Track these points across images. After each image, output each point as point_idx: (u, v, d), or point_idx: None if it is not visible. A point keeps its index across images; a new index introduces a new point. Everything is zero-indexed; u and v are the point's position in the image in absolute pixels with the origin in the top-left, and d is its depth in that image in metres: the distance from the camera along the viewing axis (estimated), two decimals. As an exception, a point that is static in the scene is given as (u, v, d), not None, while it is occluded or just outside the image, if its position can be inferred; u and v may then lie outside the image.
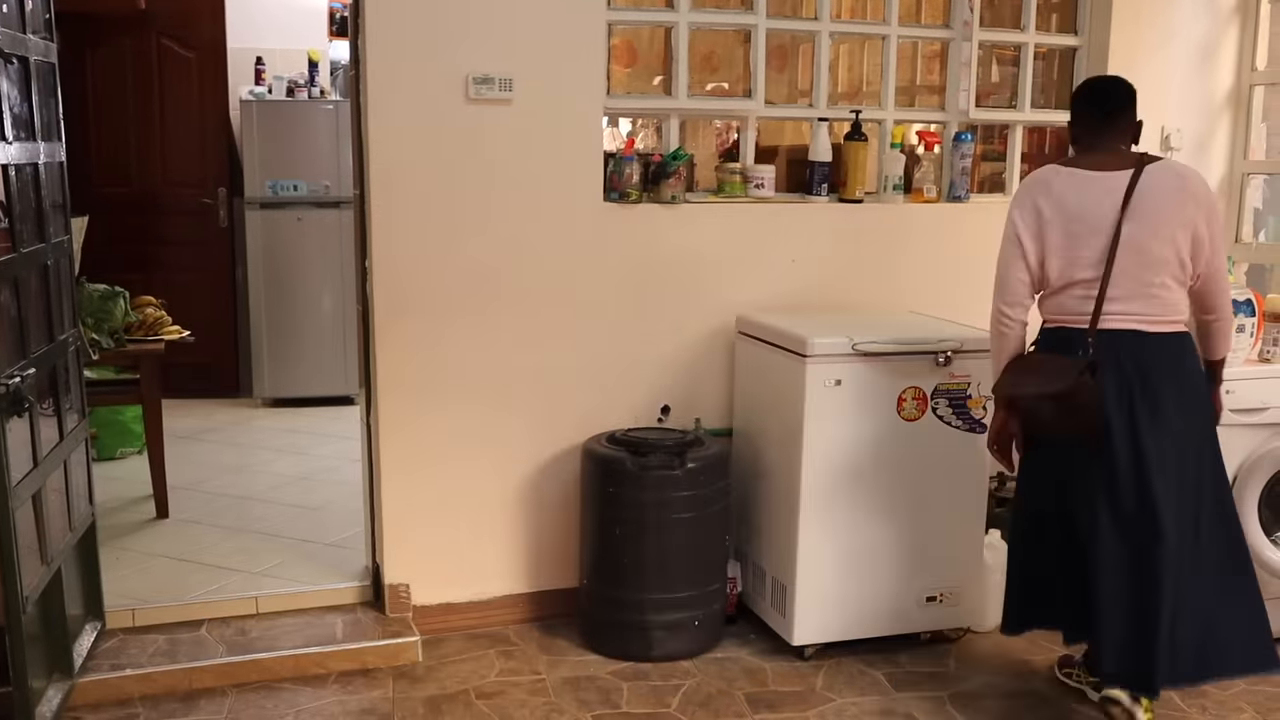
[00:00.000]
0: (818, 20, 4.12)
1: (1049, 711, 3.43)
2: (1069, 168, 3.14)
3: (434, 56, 3.58)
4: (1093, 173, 3.09)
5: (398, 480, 3.77)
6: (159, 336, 4.67)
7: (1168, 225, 3.01)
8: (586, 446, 3.77)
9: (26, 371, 2.93)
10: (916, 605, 3.75)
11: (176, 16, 6.50)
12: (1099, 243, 3.04)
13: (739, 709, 3.41)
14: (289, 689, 3.47)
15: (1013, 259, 3.15)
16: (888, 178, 4.20)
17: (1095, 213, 3.05)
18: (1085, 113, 3.22)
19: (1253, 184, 4.73)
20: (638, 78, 4.22)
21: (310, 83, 6.53)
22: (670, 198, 3.90)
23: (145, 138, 6.62)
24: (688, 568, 3.67)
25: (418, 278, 3.67)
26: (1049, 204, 3.10)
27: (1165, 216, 3.02)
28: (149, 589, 3.89)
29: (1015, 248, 3.15)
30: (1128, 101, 3.19)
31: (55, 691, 3.20)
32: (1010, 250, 3.16)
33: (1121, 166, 3.07)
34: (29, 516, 2.96)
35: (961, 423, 3.67)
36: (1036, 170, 3.23)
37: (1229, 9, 4.56)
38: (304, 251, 6.51)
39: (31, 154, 3.10)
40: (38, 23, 3.23)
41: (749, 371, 3.92)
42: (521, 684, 3.54)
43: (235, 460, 5.53)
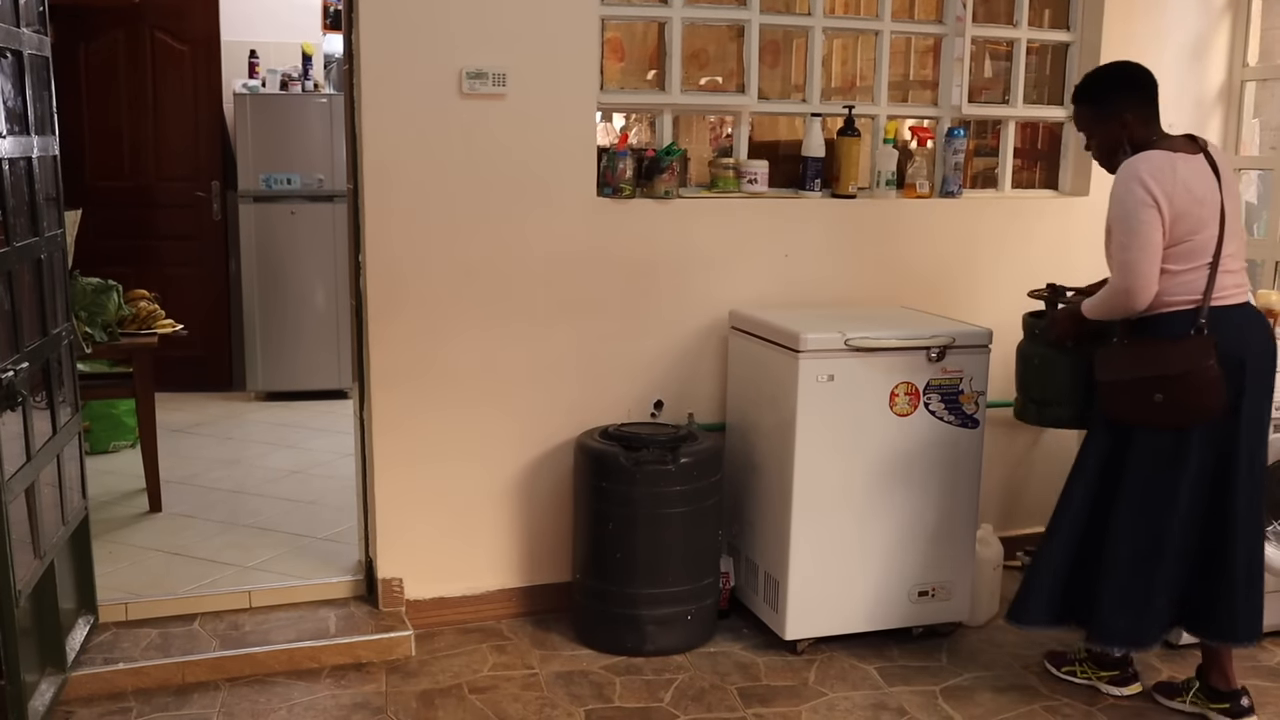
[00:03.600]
0: (811, 15, 4.12)
1: (1040, 705, 3.45)
2: (1176, 152, 3.11)
3: (428, 50, 3.57)
4: (1191, 156, 3.12)
5: (391, 475, 3.77)
6: (152, 330, 4.66)
7: (1238, 199, 3.19)
8: (579, 441, 3.77)
9: (20, 365, 2.92)
10: (908, 600, 3.76)
11: (170, 9, 6.49)
12: (1215, 222, 3.10)
13: (731, 703, 3.42)
14: (282, 683, 3.47)
15: (1152, 245, 3.05)
16: (880, 173, 4.21)
17: (1211, 197, 3.10)
18: (1137, 101, 3.20)
19: (1245, 179, 4.74)
20: (630, 73, 4.21)
21: (304, 76, 6.53)
22: (664, 193, 3.90)
23: (139, 131, 6.62)
24: (680, 562, 3.68)
25: (411, 272, 3.67)
26: (1178, 189, 3.06)
27: (1235, 190, 3.21)
28: (142, 583, 3.90)
29: (1155, 233, 3.04)
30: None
31: (48, 685, 3.20)
32: (1151, 236, 3.04)
33: (1190, 149, 3.14)
34: (22, 510, 2.96)
35: (954, 418, 3.68)
36: (1147, 157, 3.09)
37: (1221, 5, 4.56)
38: (297, 245, 6.51)
39: (25, 147, 3.10)
40: (31, 15, 3.22)
41: (742, 366, 3.93)
42: (514, 678, 3.55)
43: (228, 454, 5.53)
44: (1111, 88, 3.24)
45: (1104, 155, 3.29)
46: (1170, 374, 3.06)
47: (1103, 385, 3.24)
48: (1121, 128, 3.19)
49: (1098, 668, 3.52)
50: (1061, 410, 3.55)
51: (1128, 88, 3.22)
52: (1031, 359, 3.58)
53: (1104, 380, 3.22)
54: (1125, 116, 3.18)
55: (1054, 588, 3.40)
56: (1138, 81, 3.22)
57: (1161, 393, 3.08)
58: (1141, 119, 3.19)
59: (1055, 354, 3.48)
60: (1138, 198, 3.05)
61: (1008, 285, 4.31)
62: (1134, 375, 3.13)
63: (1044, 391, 3.56)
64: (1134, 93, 3.21)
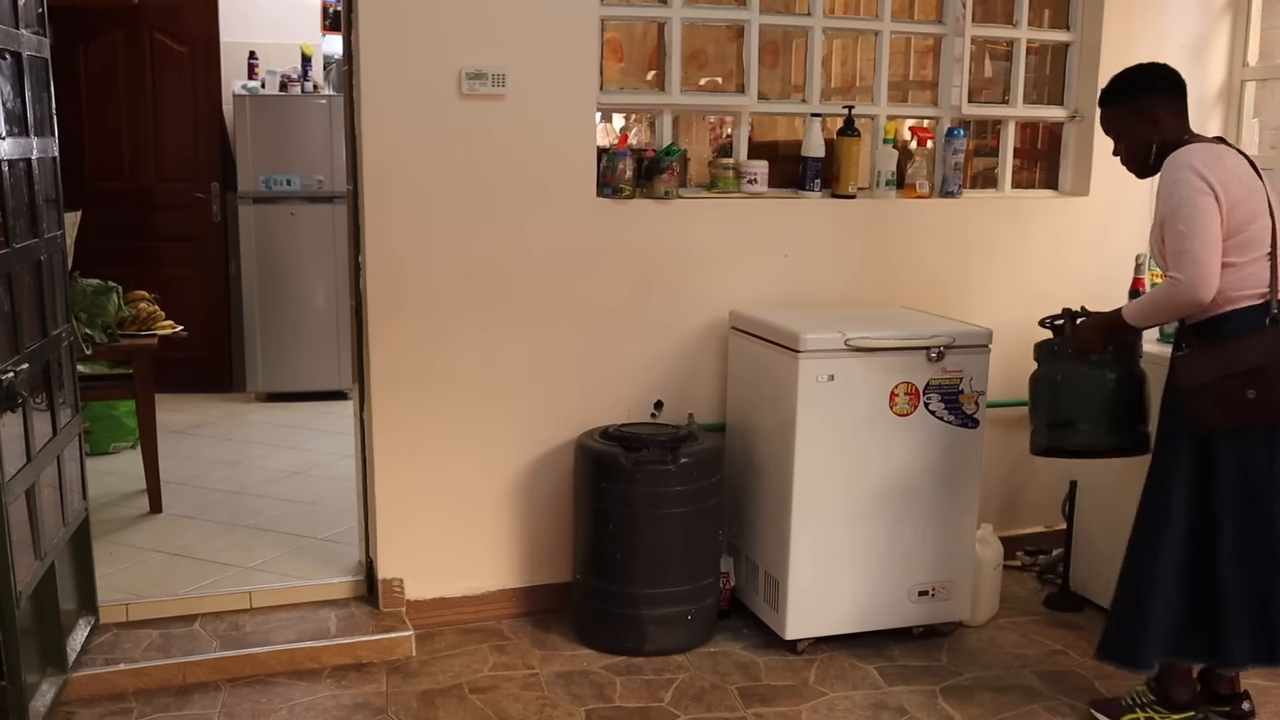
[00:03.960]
0: (810, 16, 4.12)
1: (1041, 705, 3.45)
2: (1221, 146, 3.06)
3: (427, 51, 3.58)
4: (1231, 149, 3.08)
5: (391, 475, 3.77)
6: (152, 331, 4.66)
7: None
8: (580, 441, 3.77)
9: (20, 366, 2.92)
10: (909, 599, 3.76)
11: (169, 11, 6.49)
12: (1266, 213, 3.02)
13: (732, 703, 3.42)
14: (282, 683, 3.47)
15: (1212, 233, 2.93)
16: (880, 173, 4.21)
17: (1259, 188, 3.04)
18: (1169, 98, 3.12)
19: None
20: (630, 73, 4.21)
21: (303, 77, 6.53)
22: (663, 193, 3.90)
23: (138, 132, 6.62)
24: (681, 562, 3.68)
25: (411, 272, 3.68)
26: (1229, 178, 2.97)
27: (1275, 187, 3.12)
28: (142, 584, 3.90)
29: (1214, 220, 2.92)
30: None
31: (49, 686, 3.20)
32: (1210, 223, 2.92)
33: (1226, 145, 3.11)
34: (22, 511, 2.96)
35: (954, 418, 3.68)
36: (1193, 149, 3.02)
37: (1221, 4, 4.56)
38: (297, 246, 6.51)
39: (24, 149, 3.10)
40: (30, 17, 3.22)
41: (742, 366, 3.93)
42: (515, 678, 3.55)
43: (229, 455, 5.53)
44: (1143, 85, 3.15)
45: (1135, 157, 3.17)
46: (1262, 366, 2.92)
47: (1187, 392, 3.03)
48: (1154, 124, 3.09)
49: (1167, 710, 3.25)
50: (1091, 430, 3.32)
51: (1160, 85, 3.14)
52: (1053, 377, 3.36)
53: (1190, 385, 3.02)
54: (1157, 112, 3.09)
55: (1172, 624, 3.14)
56: (1169, 79, 3.15)
57: (1255, 388, 2.92)
58: (1173, 114, 3.10)
59: (1082, 368, 3.29)
60: (1193, 185, 2.93)
61: (1007, 285, 4.33)
62: (1223, 374, 2.95)
63: (1069, 411, 3.33)
64: (1166, 90, 3.13)
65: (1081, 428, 3.34)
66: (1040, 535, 4.52)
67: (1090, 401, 3.31)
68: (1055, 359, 3.37)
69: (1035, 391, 3.44)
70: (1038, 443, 3.46)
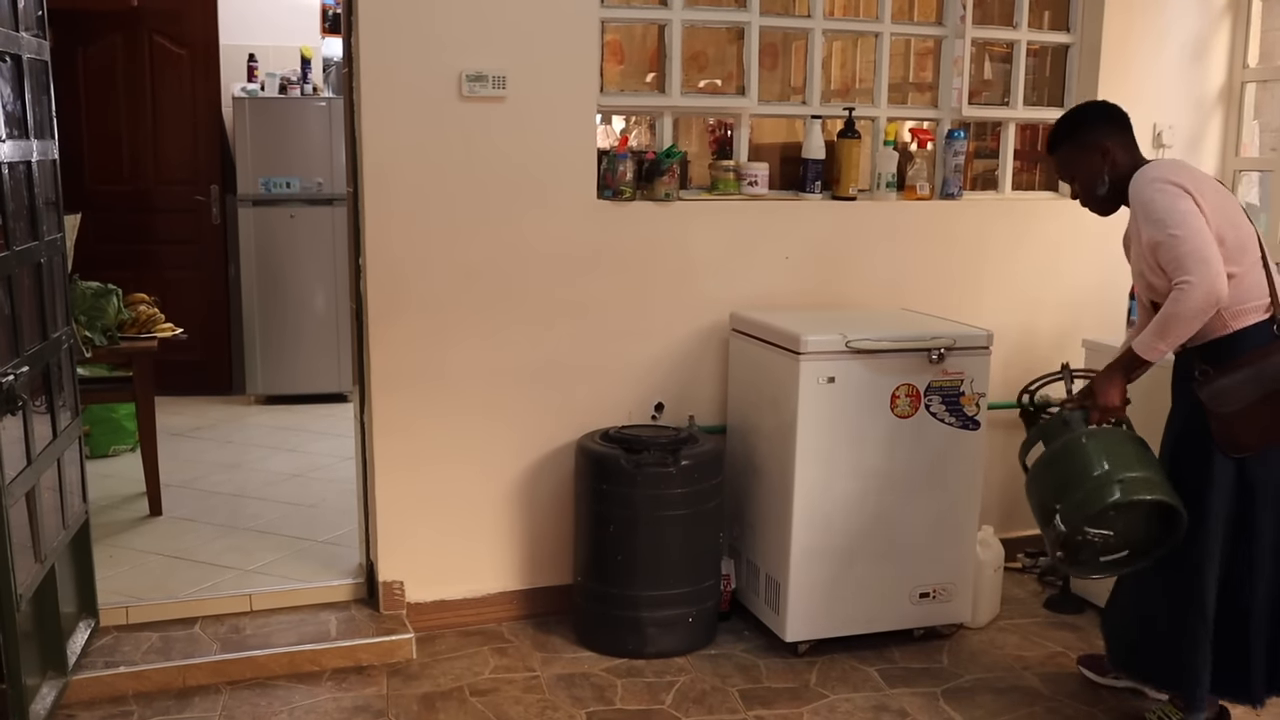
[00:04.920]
0: (810, 17, 4.12)
1: (1042, 707, 3.44)
2: (1182, 160, 3.11)
3: (427, 53, 3.57)
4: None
5: (392, 477, 3.77)
6: (152, 334, 4.65)
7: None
8: (580, 444, 3.77)
9: (20, 369, 2.92)
10: (909, 601, 3.76)
11: (169, 13, 6.50)
12: (1244, 219, 3.01)
13: (733, 705, 3.42)
14: (283, 686, 3.47)
15: (1205, 231, 2.88)
16: (881, 175, 4.21)
17: (1229, 195, 3.05)
18: (1115, 129, 3.13)
19: (1245, 181, 4.74)
20: (630, 75, 4.21)
21: (303, 80, 6.53)
22: (664, 195, 3.90)
23: (138, 135, 6.62)
24: (682, 565, 3.68)
25: (411, 275, 3.67)
26: (1200, 182, 2.97)
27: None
28: (143, 586, 3.89)
29: (1200, 219, 2.88)
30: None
31: (49, 689, 3.20)
32: (1198, 223, 2.88)
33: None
34: (22, 514, 2.96)
35: (955, 419, 3.67)
36: (1156, 164, 3.05)
37: (1221, 6, 4.57)
38: (297, 249, 6.51)
39: (24, 151, 3.10)
40: (30, 20, 3.22)
41: (742, 368, 3.93)
42: (516, 681, 3.54)
43: (229, 458, 5.52)
44: (1085, 121, 3.18)
45: (1090, 192, 3.17)
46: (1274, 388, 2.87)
47: (1224, 420, 2.94)
48: (1103, 156, 3.10)
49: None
50: (1153, 478, 2.99)
51: (1104, 118, 3.16)
52: (1078, 439, 3.04)
53: (1227, 412, 2.93)
54: (1106, 144, 3.10)
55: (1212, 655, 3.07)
56: (1112, 112, 3.17)
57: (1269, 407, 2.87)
58: (1121, 145, 3.11)
59: (1108, 430, 3.06)
60: (1169, 193, 2.92)
61: (1008, 287, 4.33)
62: (1260, 393, 2.89)
63: (1118, 466, 2.98)
64: (1110, 123, 3.15)
65: (1139, 476, 2.99)
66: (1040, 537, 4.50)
67: (1131, 451, 3.05)
68: (1066, 429, 3.10)
69: (1060, 469, 3.07)
70: (1058, 545, 3.08)
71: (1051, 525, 3.04)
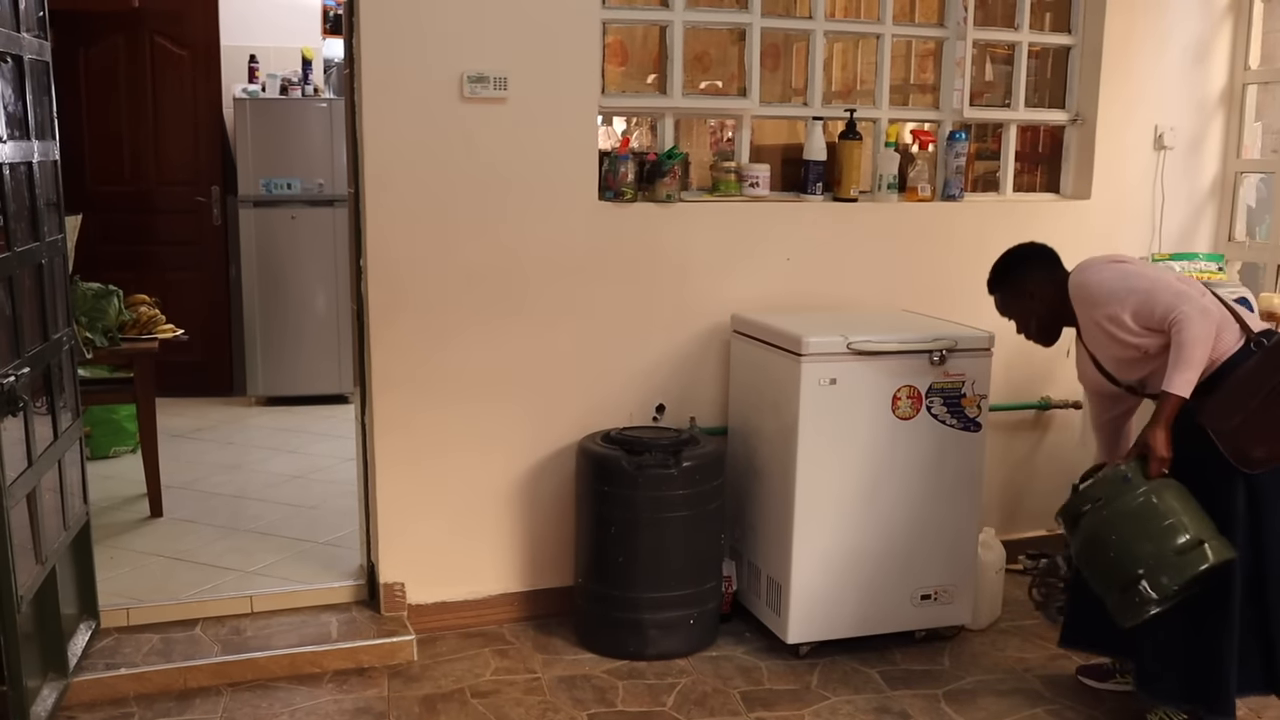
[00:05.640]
0: (812, 19, 4.12)
1: (1044, 709, 3.44)
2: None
3: (429, 55, 3.57)
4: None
5: (392, 479, 3.77)
6: (153, 335, 4.65)
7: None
8: (582, 445, 3.77)
9: (21, 370, 2.92)
10: (911, 603, 3.76)
11: (170, 14, 6.49)
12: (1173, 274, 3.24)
13: (734, 707, 3.41)
14: (284, 688, 3.46)
15: (1165, 276, 3.10)
16: (882, 176, 4.21)
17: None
18: (1043, 269, 3.32)
19: (1246, 182, 4.74)
20: (632, 76, 4.21)
21: (304, 81, 6.52)
22: (665, 196, 3.90)
23: (139, 136, 6.62)
24: (683, 566, 3.68)
25: (412, 276, 3.67)
26: (1130, 258, 3.26)
27: None
28: (143, 588, 3.89)
29: (1152, 269, 3.17)
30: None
31: (50, 691, 3.19)
32: (1154, 271, 3.16)
33: None
34: (23, 515, 2.96)
35: (956, 421, 3.67)
36: (1081, 265, 3.24)
37: (1222, 8, 4.56)
38: (298, 250, 6.51)
39: (25, 152, 3.10)
40: (31, 21, 3.22)
41: (744, 370, 3.93)
42: (517, 683, 3.54)
43: (229, 459, 5.52)
44: (1010, 267, 3.37)
45: (1028, 329, 3.38)
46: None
47: (1231, 435, 2.95)
48: (1030, 298, 3.31)
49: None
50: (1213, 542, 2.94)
51: (1027, 260, 3.35)
52: (1149, 496, 2.97)
53: (1232, 426, 2.95)
54: (1030, 288, 3.30)
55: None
56: (1036, 253, 3.36)
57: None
58: (1047, 282, 3.28)
59: (1172, 485, 2.99)
60: (1110, 269, 3.16)
61: (1009, 288, 4.31)
62: (1257, 397, 2.92)
63: (1194, 532, 2.93)
64: (1035, 262, 3.34)
65: (1217, 538, 2.95)
66: (1042, 539, 4.51)
67: (1197, 506, 2.99)
68: (1132, 487, 3.00)
69: (1136, 531, 2.97)
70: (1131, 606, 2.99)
71: (1135, 590, 2.94)
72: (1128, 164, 4.50)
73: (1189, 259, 4.33)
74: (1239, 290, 3.95)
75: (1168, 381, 2.98)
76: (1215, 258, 4.41)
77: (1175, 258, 4.32)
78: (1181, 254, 4.39)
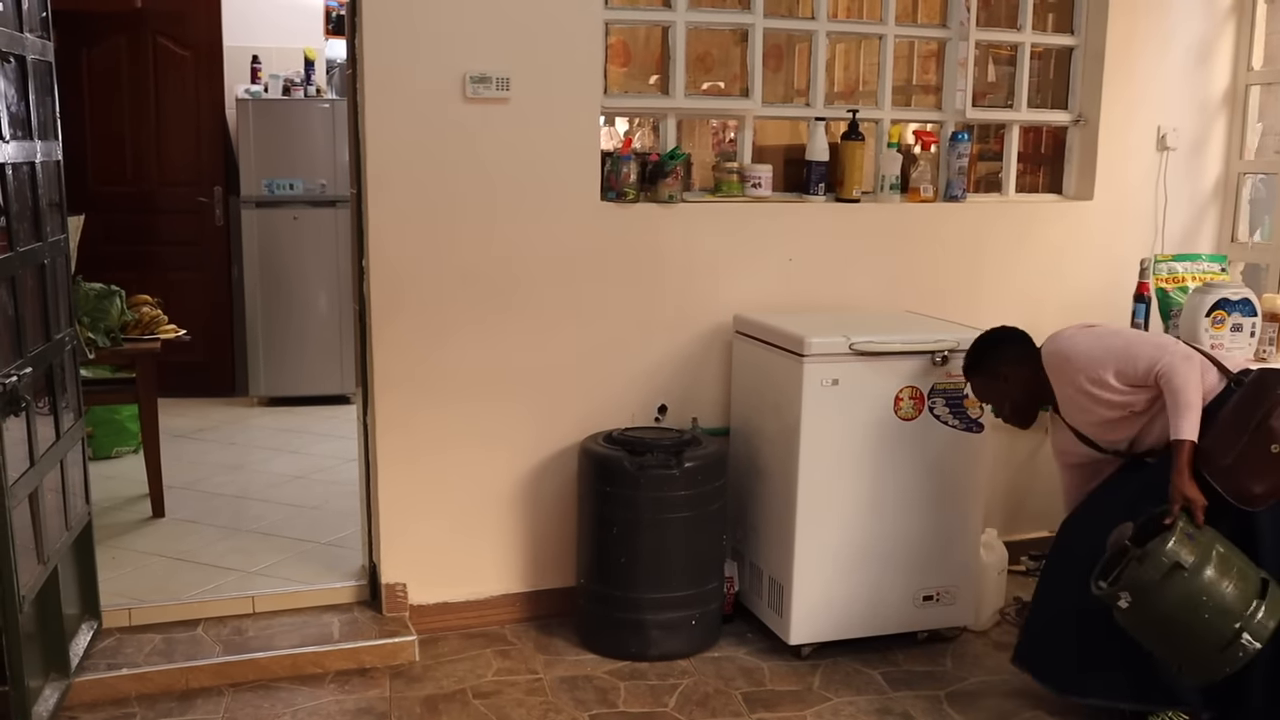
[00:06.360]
0: (814, 20, 4.12)
1: (1045, 710, 3.43)
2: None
3: (431, 55, 3.57)
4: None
5: (394, 479, 3.77)
6: (155, 335, 4.66)
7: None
8: (584, 446, 3.77)
9: (23, 370, 2.92)
10: (913, 604, 3.75)
11: (172, 15, 6.50)
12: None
13: (736, 708, 3.41)
14: (286, 688, 3.46)
15: (1140, 333, 3.29)
16: (884, 177, 4.21)
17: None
18: (1014, 352, 3.34)
19: (1249, 183, 4.73)
20: (634, 77, 4.21)
21: (306, 81, 6.53)
22: (667, 197, 3.90)
23: (141, 136, 6.62)
24: (685, 567, 3.67)
25: (415, 277, 3.67)
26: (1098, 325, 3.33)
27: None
28: (145, 588, 3.89)
29: (1124, 330, 3.34)
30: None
31: (52, 691, 3.20)
32: (1128, 331, 3.35)
33: None
34: (25, 516, 2.96)
35: (958, 422, 3.67)
36: (1058, 335, 3.28)
37: (1225, 9, 4.56)
38: (300, 250, 6.51)
39: (28, 153, 3.10)
40: (34, 21, 3.22)
41: (746, 371, 3.92)
42: (518, 683, 3.54)
43: (231, 459, 5.52)
44: (986, 350, 3.38)
45: (1003, 412, 3.40)
46: (1263, 418, 2.92)
47: (1226, 472, 2.95)
48: (1005, 381, 3.33)
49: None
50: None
51: (1001, 344, 3.36)
52: (1207, 551, 2.88)
53: (1227, 464, 2.95)
54: (1003, 371, 3.32)
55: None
56: (1009, 336, 3.38)
57: (1276, 442, 2.91)
58: (1017, 362, 3.31)
59: (1213, 535, 2.94)
60: (1086, 333, 3.22)
61: (1011, 289, 4.32)
62: (1245, 432, 2.93)
63: (1254, 568, 2.92)
64: (1006, 345, 3.35)
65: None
66: (1044, 540, 4.50)
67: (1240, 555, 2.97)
68: (1196, 548, 2.88)
69: (1220, 583, 2.86)
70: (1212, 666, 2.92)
71: (1237, 644, 2.86)
72: (1130, 165, 4.49)
73: (1191, 260, 4.33)
74: (1242, 291, 3.94)
75: (1175, 430, 3.00)
76: (1218, 259, 4.41)
77: (1178, 259, 4.31)
78: (1184, 255, 4.38)
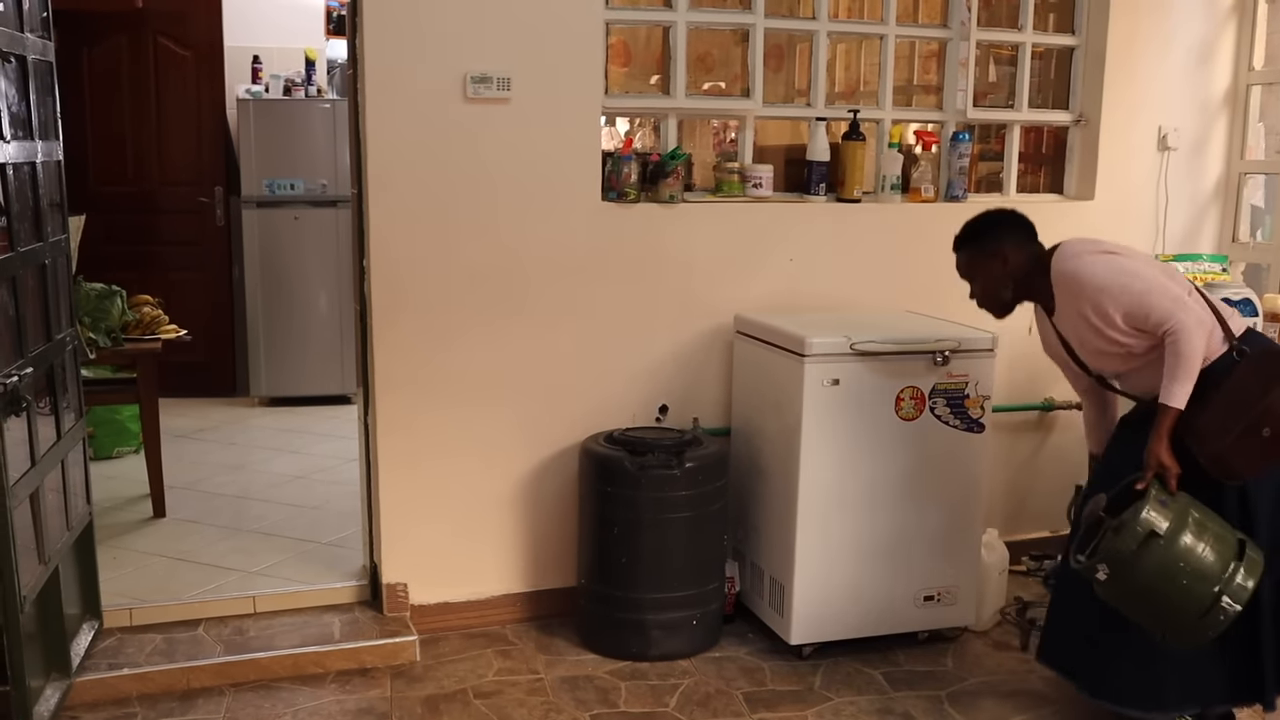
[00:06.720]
0: (815, 20, 4.12)
1: (1046, 710, 3.44)
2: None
3: (432, 55, 3.57)
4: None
5: (395, 479, 3.77)
6: (156, 335, 4.66)
7: None
8: (585, 446, 3.77)
9: (24, 370, 2.92)
10: (914, 604, 3.75)
11: (173, 15, 6.50)
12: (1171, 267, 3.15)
13: (737, 708, 3.41)
14: (286, 688, 3.46)
15: (1158, 276, 2.99)
16: (885, 177, 4.21)
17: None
18: (1016, 235, 3.20)
19: (1250, 183, 4.73)
20: (635, 77, 4.21)
21: (307, 81, 6.53)
22: (668, 197, 3.90)
23: (142, 136, 6.62)
24: (686, 567, 3.67)
25: (415, 276, 3.67)
26: (1122, 247, 3.11)
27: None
28: (146, 588, 3.89)
29: (1142, 265, 3.03)
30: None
31: (53, 691, 3.20)
32: (1146, 269, 3.01)
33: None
34: (26, 516, 2.96)
35: (959, 422, 3.67)
36: (1067, 244, 3.12)
37: (1226, 9, 4.56)
38: (301, 250, 6.51)
39: (29, 153, 3.10)
40: (35, 21, 3.22)
41: (747, 371, 3.92)
42: (519, 683, 3.54)
43: (232, 459, 5.52)
44: (989, 226, 3.24)
45: (989, 296, 3.24)
46: (1268, 405, 2.86)
47: (1215, 456, 2.92)
48: (1003, 262, 3.17)
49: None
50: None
51: (1005, 225, 3.22)
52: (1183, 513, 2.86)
53: (1218, 449, 2.91)
54: (1004, 250, 3.17)
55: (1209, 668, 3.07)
56: (1011, 218, 3.23)
57: (1269, 426, 2.86)
58: (1021, 248, 3.18)
59: (1189, 500, 2.92)
60: (1102, 260, 3.02)
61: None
62: (1241, 425, 2.87)
63: (1231, 531, 2.91)
64: (1013, 229, 3.21)
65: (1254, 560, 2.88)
66: (1045, 540, 4.51)
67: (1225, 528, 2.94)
68: (1163, 510, 2.85)
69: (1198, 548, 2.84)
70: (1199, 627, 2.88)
71: (1218, 608, 2.84)
72: (1131, 165, 4.49)
73: (1193, 260, 4.33)
74: (1243, 291, 3.94)
75: (1166, 394, 2.94)
76: (1219, 259, 4.41)
77: (1179, 259, 4.31)
78: (1185, 255, 4.39)
